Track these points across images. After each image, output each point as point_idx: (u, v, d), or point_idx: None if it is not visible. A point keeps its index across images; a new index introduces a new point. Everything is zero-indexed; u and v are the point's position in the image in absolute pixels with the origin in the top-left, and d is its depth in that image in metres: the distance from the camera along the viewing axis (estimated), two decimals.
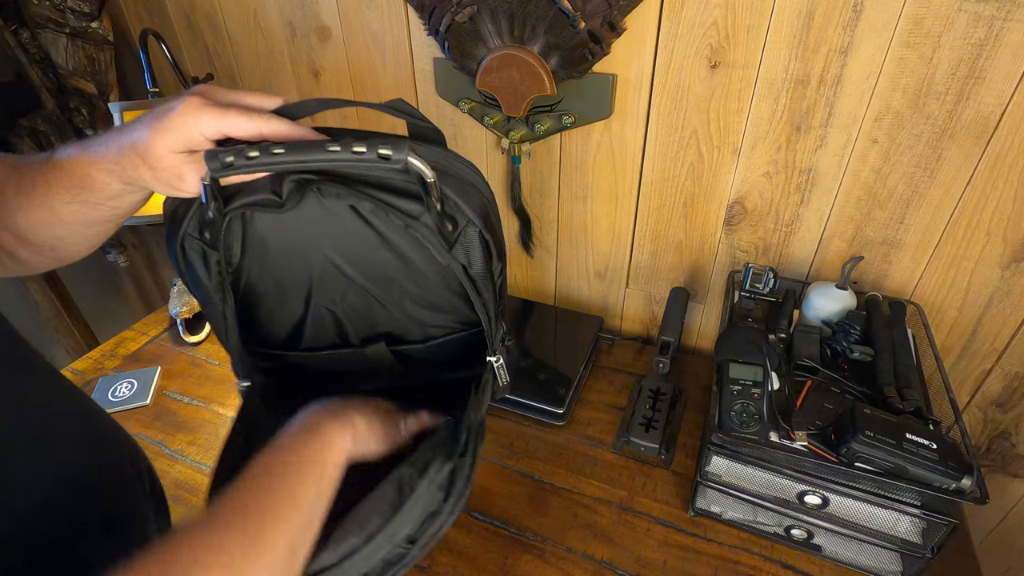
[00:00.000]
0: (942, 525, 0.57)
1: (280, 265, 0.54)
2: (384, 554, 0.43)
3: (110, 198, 0.46)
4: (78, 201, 0.45)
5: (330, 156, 0.40)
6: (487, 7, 0.79)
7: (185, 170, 0.42)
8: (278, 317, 0.60)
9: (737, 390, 0.65)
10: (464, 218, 0.47)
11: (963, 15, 0.63)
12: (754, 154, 0.81)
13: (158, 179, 0.43)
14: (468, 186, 0.48)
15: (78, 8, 1.10)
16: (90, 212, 0.47)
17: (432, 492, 0.45)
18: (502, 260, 0.52)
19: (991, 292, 0.78)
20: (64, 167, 0.45)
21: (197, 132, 0.40)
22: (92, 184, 0.45)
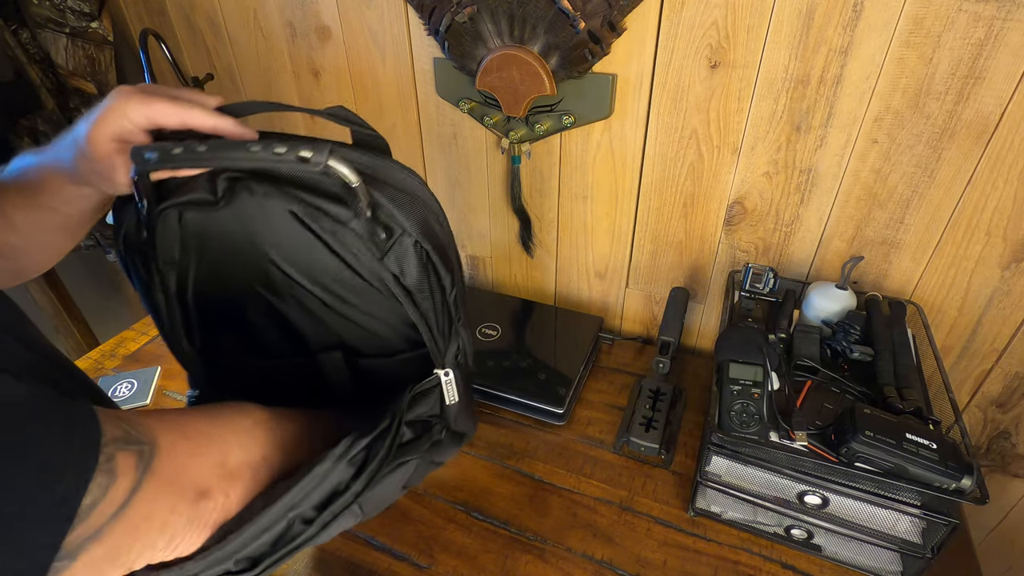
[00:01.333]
0: (942, 525, 0.57)
1: (225, 268, 0.52)
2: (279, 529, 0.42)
3: (64, 202, 0.47)
4: (32, 206, 0.46)
5: (251, 156, 0.41)
6: (487, 7, 0.79)
7: (118, 160, 0.43)
8: (231, 324, 0.57)
9: (737, 390, 0.65)
10: (399, 227, 0.46)
11: (963, 15, 0.63)
12: (754, 154, 0.81)
13: (95, 171, 0.44)
14: (405, 195, 0.47)
15: (78, 8, 1.10)
16: (44, 218, 0.47)
17: (341, 467, 0.44)
18: (451, 272, 0.51)
19: (991, 292, 0.78)
20: (24, 172, 0.46)
21: (126, 119, 0.42)
22: (45, 186, 0.46)
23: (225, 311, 0.55)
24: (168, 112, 0.43)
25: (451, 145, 1.02)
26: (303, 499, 0.42)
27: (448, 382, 0.54)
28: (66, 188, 0.46)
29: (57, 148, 0.46)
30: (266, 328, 0.58)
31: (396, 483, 0.51)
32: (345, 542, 0.71)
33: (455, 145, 1.01)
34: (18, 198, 0.46)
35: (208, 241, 0.49)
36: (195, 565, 0.38)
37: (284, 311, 0.55)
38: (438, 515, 0.73)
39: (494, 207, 1.06)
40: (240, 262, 0.51)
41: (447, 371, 0.53)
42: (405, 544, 0.70)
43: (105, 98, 0.43)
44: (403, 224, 0.46)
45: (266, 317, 0.57)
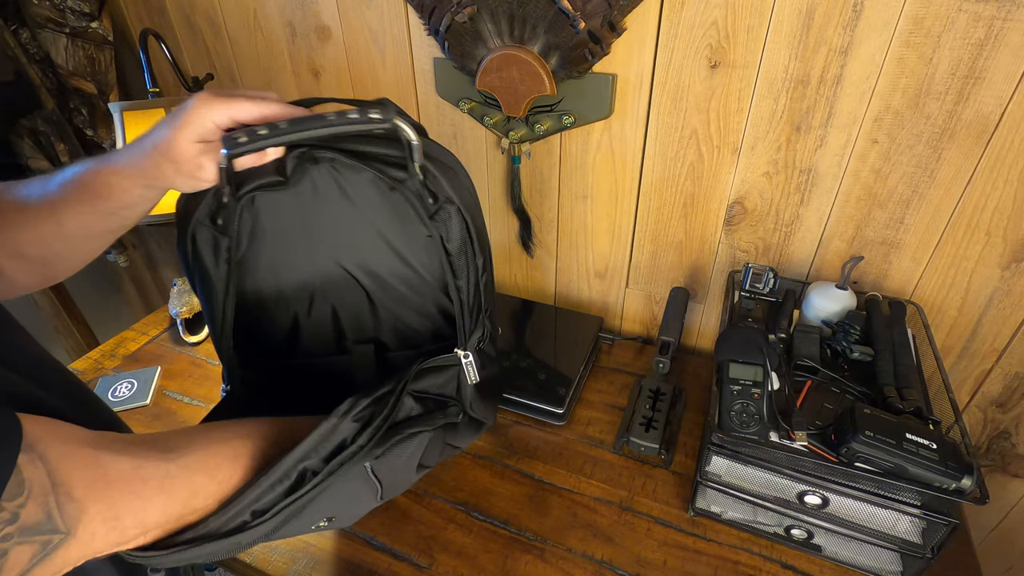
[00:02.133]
0: (942, 525, 0.57)
1: (284, 255, 0.55)
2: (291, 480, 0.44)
3: (124, 206, 0.49)
4: (90, 212, 0.48)
5: (328, 123, 0.45)
6: (487, 7, 0.79)
7: (204, 160, 0.46)
8: (278, 320, 0.60)
9: (737, 390, 0.65)
10: (444, 194, 0.50)
11: (963, 15, 0.63)
12: (754, 154, 0.81)
13: (180, 172, 0.46)
14: (449, 170, 0.52)
15: (78, 8, 1.10)
16: (97, 223, 0.49)
17: (347, 423, 0.46)
18: (484, 254, 0.54)
19: (991, 292, 0.78)
20: (82, 180, 0.47)
21: (211, 121, 0.45)
22: (111, 192, 0.47)
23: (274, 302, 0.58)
24: (249, 109, 0.46)
25: (451, 145, 1.01)
26: (312, 452, 0.44)
27: (468, 364, 0.56)
28: (134, 191, 0.48)
29: (128, 153, 0.47)
30: (309, 320, 0.61)
31: (409, 456, 0.52)
32: (345, 542, 0.71)
33: (455, 145, 1.01)
34: (76, 205, 0.47)
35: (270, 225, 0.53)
36: (215, 519, 0.40)
37: (333, 303, 0.59)
38: (438, 515, 0.73)
39: (494, 207, 1.06)
40: (296, 245, 0.55)
41: (467, 354, 0.55)
42: (405, 544, 0.70)
43: (184, 104, 0.46)
44: (448, 192, 0.50)
45: (310, 308, 0.60)
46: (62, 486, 0.32)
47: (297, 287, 0.59)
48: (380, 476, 0.50)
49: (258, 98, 0.47)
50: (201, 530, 0.40)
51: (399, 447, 0.50)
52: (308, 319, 0.62)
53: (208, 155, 0.46)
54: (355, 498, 0.51)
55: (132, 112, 0.93)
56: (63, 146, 1.19)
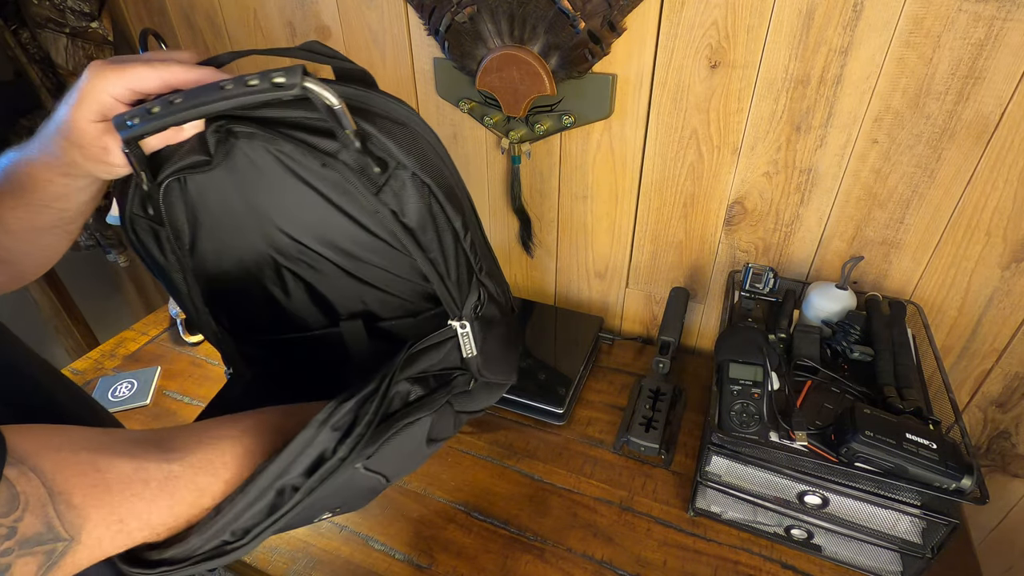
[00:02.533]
0: (942, 525, 0.57)
1: (235, 239, 0.50)
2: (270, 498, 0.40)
3: (56, 198, 0.45)
4: (23, 205, 0.44)
5: (226, 94, 0.38)
6: (487, 7, 0.79)
7: (108, 140, 0.41)
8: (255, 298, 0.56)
9: (737, 390, 0.65)
10: (393, 160, 0.41)
11: (963, 15, 0.63)
12: (754, 154, 0.81)
13: (88, 157, 0.41)
14: (399, 126, 0.43)
15: (78, 8, 1.10)
16: (36, 217, 0.45)
17: (325, 433, 0.41)
18: (461, 213, 0.46)
19: (991, 292, 0.78)
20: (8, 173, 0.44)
21: (106, 94, 0.39)
22: (36, 185, 0.44)
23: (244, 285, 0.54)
24: (147, 75, 0.40)
25: (451, 145, 1.02)
26: (289, 467, 0.40)
27: (465, 335, 0.50)
28: (57, 182, 0.44)
29: (42, 141, 0.43)
30: (288, 299, 0.56)
31: (410, 444, 0.48)
32: (345, 542, 0.71)
33: (455, 145, 1.01)
34: (9, 199, 0.44)
35: (212, 209, 0.47)
36: (196, 539, 0.38)
37: (305, 277, 0.54)
38: (438, 515, 0.73)
39: (494, 207, 1.06)
40: (248, 229, 0.49)
41: (463, 323, 0.49)
42: (405, 544, 0.70)
43: (79, 78, 0.40)
44: (397, 156, 0.41)
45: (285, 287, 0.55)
46: (60, 495, 0.31)
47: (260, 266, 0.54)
48: (379, 470, 0.46)
49: (159, 61, 0.40)
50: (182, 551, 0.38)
51: (394, 440, 0.45)
52: (287, 297, 0.57)
53: (112, 135, 0.40)
54: (355, 493, 0.49)
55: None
56: None
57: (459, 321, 0.49)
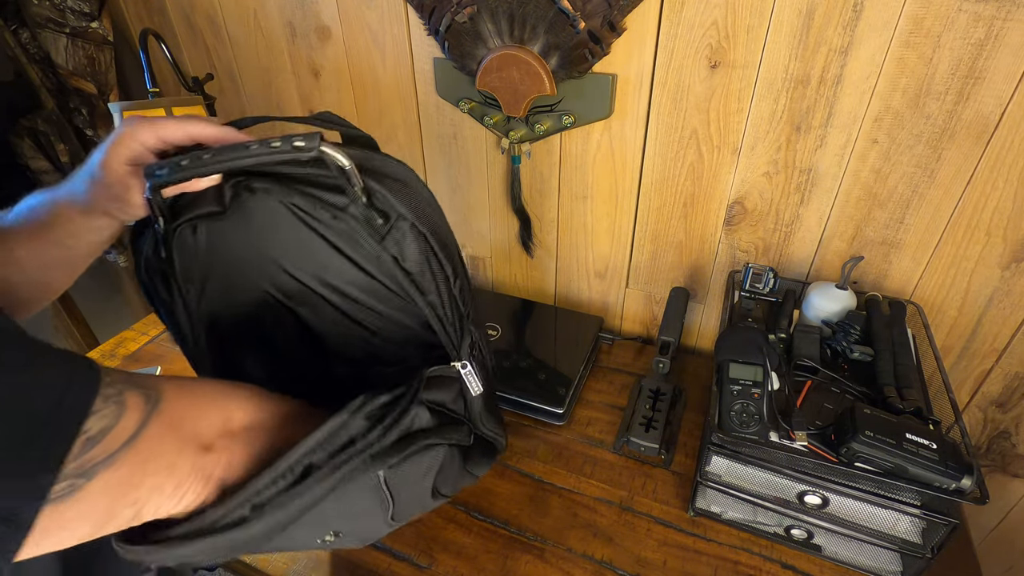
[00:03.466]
0: (942, 525, 0.57)
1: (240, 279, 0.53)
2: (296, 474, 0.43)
3: (71, 235, 0.49)
4: (39, 241, 0.48)
5: (251, 153, 0.43)
6: (487, 7, 0.79)
7: (132, 182, 0.46)
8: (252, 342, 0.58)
9: (737, 390, 0.65)
10: (394, 212, 0.47)
11: (963, 15, 0.63)
12: (754, 154, 0.81)
13: (110, 196, 0.47)
14: (399, 183, 0.48)
15: (78, 8, 1.10)
16: (49, 253, 0.49)
17: (358, 420, 0.45)
18: (451, 262, 0.51)
19: (991, 292, 0.78)
20: (32, 209, 0.49)
21: (137, 142, 0.46)
22: (55, 221, 0.48)
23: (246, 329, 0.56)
24: (174, 128, 0.46)
25: (451, 145, 1.02)
26: (319, 447, 0.43)
27: (467, 374, 0.54)
28: (76, 220, 0.49)
29: (71, 183, 0.49)
30: (286, 342, 0.58)
31: (424, 471, 0.51)
32: None
33: (455, 145, 1.01)
34: (25, 236, 0.48)
35: (221, 254, 0.51)
36: (214, 511, 0.40)
37: (304, 317, 0.56)
38: (438, 515, 0.73)
39: (494, 207, 1.06)
40: (253, 271, 0.53)
41: (464, 363, 0.53)
42: (405, 544, 0.70)
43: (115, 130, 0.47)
44: (398, 208, 0.47)
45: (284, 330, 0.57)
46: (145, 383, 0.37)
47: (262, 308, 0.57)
48: (393, 489, 0.48)
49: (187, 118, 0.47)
50: (197, 523, 0.40)
51: (414, 458, 0.48)
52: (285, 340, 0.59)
53: (136, 177, 0.46)
54: (365, 512, 0.50)
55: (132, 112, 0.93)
56: (63, 146, 1.19)
57: (460, 362, 0.53)
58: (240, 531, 0.41)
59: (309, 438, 0.43)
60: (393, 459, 0.46)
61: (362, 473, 0.45)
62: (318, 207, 0.47)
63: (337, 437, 0.44)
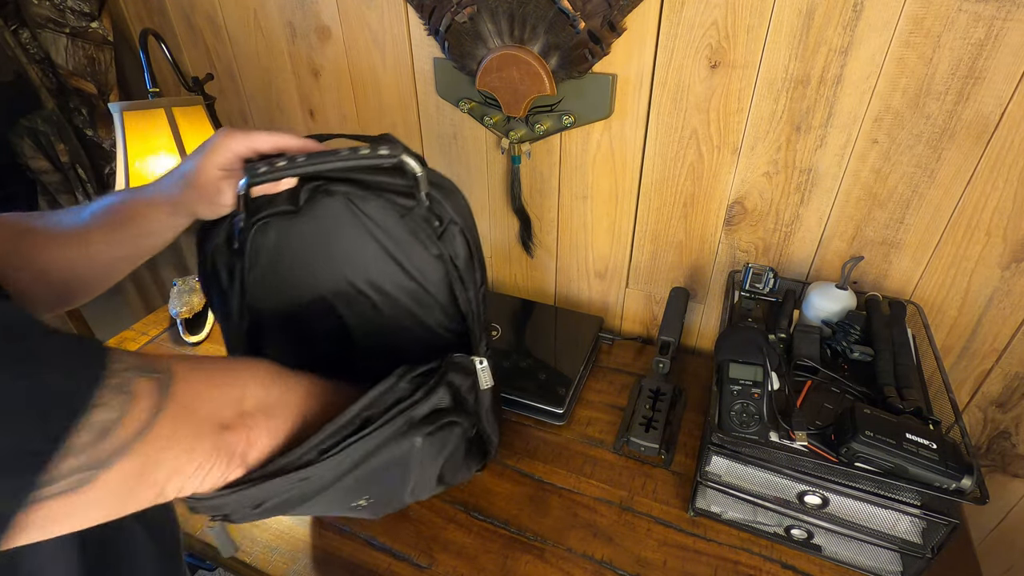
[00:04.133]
0: (942, 525, 0.57)
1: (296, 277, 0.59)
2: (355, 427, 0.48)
3: (148, 233, 0.54)
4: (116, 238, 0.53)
5: (342, 158, 0.51)
6: (487, 7, 0.79)
7: (223, 185, 0.52)
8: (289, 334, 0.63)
9: (737, 390, 0.65)
10: (447, 216, 0.56)
11: (963, 15, 0.63)
12: (754, 154, 0.81)
13: (202, 198, 0.52)
14: (451, 193, 0.57)
15: (78, 8, 1.10)
16: (120, 248, 0.54)
17: (403, 384, 0.52)
18: (482, 268, 0.60)
19: (991, 292, 0.78)
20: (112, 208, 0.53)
21: (231, 151, 0.51)
22: (137, 219, 0.53)
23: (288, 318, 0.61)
24: (266, 140, 0.52)
25: (451, 145, 1.02)
26: (373, 404, 0.49)
27: (483, 369, 0.59)
28: (160, 217, 0.53)
29: (159, 184, 0.54)
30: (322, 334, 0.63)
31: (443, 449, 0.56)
32: (345, 542, 0.71)
33: (455, 145, 1.01)
34: (104, 230, 0.52)
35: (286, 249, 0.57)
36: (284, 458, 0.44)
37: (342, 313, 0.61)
38: (438, 515, 0.73)
39: (494, 207, 1.06)
40: (310, 267, 0.59)
41: (482, 360, 0.59)
42: (405, 544, 0.70)
43: (209, 138, 0.53)
44: (451, 215, 0.56)
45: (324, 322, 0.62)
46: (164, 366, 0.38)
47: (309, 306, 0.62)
48: (421, 460, 0.53)
49: (276, 131, 0.53)
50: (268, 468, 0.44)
51: (439, 434, 0.53)
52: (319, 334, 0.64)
53: (228, 181, 0.52)
54: (394, 479, 0.54)
55: (132, 112, 0.93)
56: (63, 146, 1.19)
57: (479, 357, 0.59)
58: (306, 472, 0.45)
59: (364, 396, 0.49)
60: (427, 429, 0.52)
61: (405, 436, 0.50)
62: (389, 209, 0.55)
63: (387, 396, 0.50)
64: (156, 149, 0.94)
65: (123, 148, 0.93)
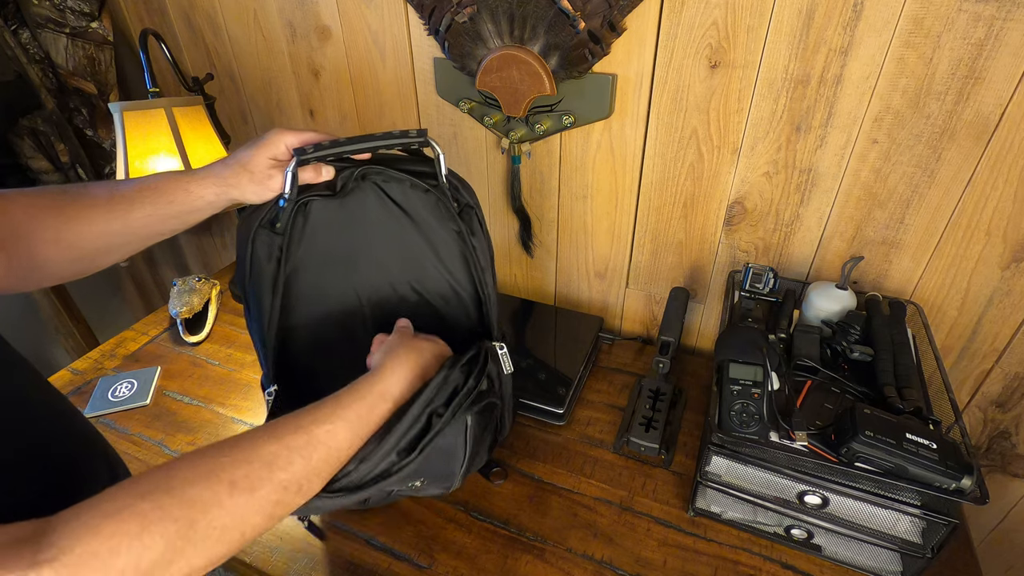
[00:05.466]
0: (942, 525, 0.57)
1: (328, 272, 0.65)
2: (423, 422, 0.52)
3: (192, 210, 0.58)
4: (159, 213, 0.56)
5: (376, 139, 0.59)
6: (487, 7, 0.79)
7: (273, 172, 0.58)
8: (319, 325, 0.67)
9: (737, 390, 0.65)
10: (464, 200, 0.64)
11: (963, 15, 0.63)
12: (754, 154, 0.81)
13: (253, 180, 0.58)
14: (465, 185, 0.65)
15: (78, 8, 1.10)
16: (161, 224, 0.58)
17: (455, 373, 0.56)
18: (492, 257, 0.66)
19: (991, 292, 0.78)
20: (159, 184, 0.57)
21: (283, 144, 0.59)
22: (184, 196, 0.57)
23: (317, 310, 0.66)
24: (314, 136, 0.59)
25: (451, 145, 1.02)
26: (434, 396, 0.53)
27: (504, 354, 0.64)
28: (206, 196, 0.58)
29: (210, 167, 0.59)
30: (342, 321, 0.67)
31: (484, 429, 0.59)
32: (345, 542, 0.71)
33: (455, 145, 1.01)
34: (148, 205, 0.56)
35: (324, 233, 0.63)
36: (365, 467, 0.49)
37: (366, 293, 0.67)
38: (438, 515, 0.73)
39: (494, 207, 1.06)
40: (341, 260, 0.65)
41: (501, 345, 0.64)
42: (405, 544, 0.70)
43: (263, 135, 0.59)
44: (469, 200, 0.64)
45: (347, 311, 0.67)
46: None
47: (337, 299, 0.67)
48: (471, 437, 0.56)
49: (320, 132, 0.60)
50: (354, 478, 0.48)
51: (484, 414, 0.57)
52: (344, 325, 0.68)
53: (277, 169, 0.58)
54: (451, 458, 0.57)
55: (132, 112, 0.93)
56: (63, 146, 1.19)
57: (498, 343, 0.64)
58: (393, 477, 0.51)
59: (426, 391, 0.53)
60: (477, 406, 0.55)
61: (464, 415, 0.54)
62: (414, 189, 0.63)
63: (446, 387, 0.54)
64: (156, 149, 0.94)
65: (123, 148, 0.93)
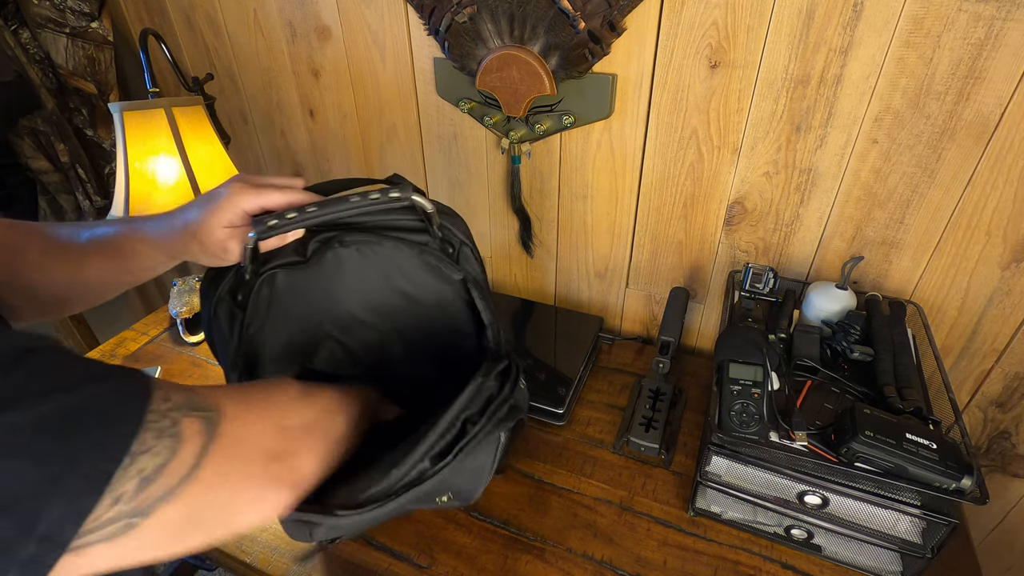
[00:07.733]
0: (942, 525, 0.57)
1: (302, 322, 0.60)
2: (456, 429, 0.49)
3: (144, 268, 0.54)
4: (111, 268, 0.52)
5: (352, 205, 0.50)
6: (487, 7, 0.79)
7: (230, 243, 0.50)
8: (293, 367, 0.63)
9: (737, 390, 0.65)
10: (457, 240, 0.59)
11: (963, 15, 0.63)
12: (754, 154, 0.81)
13: (206, 252, 0.51)
14: (456, 218, 0.61)
15: (78, 8, 1.10)
16: (115, 278, 0.54)
17: (490, 381, 0.52)
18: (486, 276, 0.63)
19: (991, 292, 0.78)
20: (111, 241, 0.52)
21: (240, 208, 0.49)
22: (136, 257, 0.52)
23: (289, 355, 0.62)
24: (277, 198, 0.50)
25: (451, 145, 1.02)
26: (469, 404, 0.50)
27: None
28: (156, 258, 0.53)
29: (161, 226, 0.52)
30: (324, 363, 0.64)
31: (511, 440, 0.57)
32: (345, 542, 0.71)
33: (455, 145, 1.01)
34: (101, 260, 0.52)
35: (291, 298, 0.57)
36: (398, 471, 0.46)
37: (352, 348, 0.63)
38: (438, 515, 0.73)
39: (494, 207, 1.06)
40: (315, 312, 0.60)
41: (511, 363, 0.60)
42: (405, 544, 0.70)
43: (218, 190, 0.50)
44: (460, 237, 0.59)
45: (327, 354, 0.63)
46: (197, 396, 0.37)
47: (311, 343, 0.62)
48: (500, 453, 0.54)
49: (286, 187, 0.51)
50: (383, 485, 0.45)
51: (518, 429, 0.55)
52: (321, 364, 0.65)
53: (234, 239, 0.50)
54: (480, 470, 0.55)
55: (132, 112, 0.93)
56: (63, 146, 1.19)
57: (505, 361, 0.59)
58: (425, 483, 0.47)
59: (461, 397, 0.49)
60: (508, 424, 0.53)
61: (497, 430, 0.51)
62: (404, 247, 0.57)
63: (480, 396, 0.51)
64: (156, 149, 0.94)
65: (123, 148, 0.93)
